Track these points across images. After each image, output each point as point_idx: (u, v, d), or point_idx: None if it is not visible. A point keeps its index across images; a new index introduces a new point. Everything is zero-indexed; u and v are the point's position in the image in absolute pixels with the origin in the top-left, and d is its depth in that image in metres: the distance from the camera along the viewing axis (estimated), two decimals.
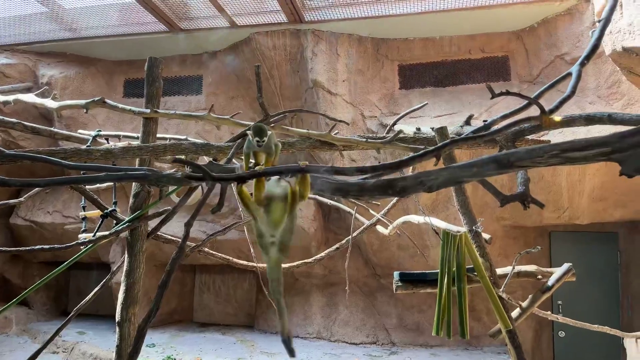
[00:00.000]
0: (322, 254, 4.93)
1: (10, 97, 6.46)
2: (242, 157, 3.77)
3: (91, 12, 7.11)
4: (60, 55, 8.29)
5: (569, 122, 2.49)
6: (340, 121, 3.79)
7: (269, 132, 2.10)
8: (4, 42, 7.98)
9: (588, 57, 2.55)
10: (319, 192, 2.02)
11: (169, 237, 4.18)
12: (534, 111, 2.60)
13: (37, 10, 7.07)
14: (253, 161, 2.25)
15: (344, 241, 4.88)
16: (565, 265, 3.31)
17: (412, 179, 1.78)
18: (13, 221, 8.85)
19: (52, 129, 4.57)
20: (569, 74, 2.57)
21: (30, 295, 9.06)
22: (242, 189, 1.90)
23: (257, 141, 2.05)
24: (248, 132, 2.11)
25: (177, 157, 1.98)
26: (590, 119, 2.40)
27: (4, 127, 5.91)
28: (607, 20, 2.51)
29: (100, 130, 4.75)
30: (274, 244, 1.82)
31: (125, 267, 3.53)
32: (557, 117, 2.72)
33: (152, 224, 3.64)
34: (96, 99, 4.21)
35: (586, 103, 6.15)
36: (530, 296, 3.30)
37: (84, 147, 3.87)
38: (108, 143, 4.78)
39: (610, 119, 2.26)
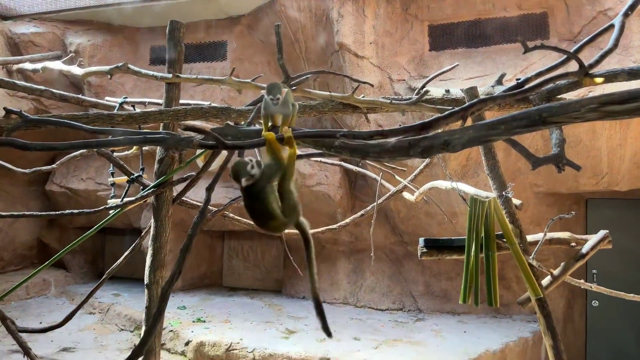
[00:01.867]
0: (347, 220, 4.89)
1: (39, 65, 6.57)
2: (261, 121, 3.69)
3: None
4: (87, 23, 8.32)
5: (610, 77, 2.30)
6: (365, 82, 3.66)
7: (285, 90, 2.01)
8: (33, 11, 8.05)
9: (632, 7, 2.33)
10: (337, 152, 1.94)
11: (195, 202, 4.21)
12: (573, 69, 2.40)
13: None
14: (271, 123, 2.17)
15: (368, 207, 4.81)
16: (601, 232, 3.16)
17: (434, 138, 1.66)
18: (49, 188, 9.15)
19: (79, 96, 4.61)
20: (611, 26, 2.37)
21: (68, 259, 9.45)
22: (272, 137, 1.87)
23: (272, 99, 1.97)
24: (263, 91, 2.04)
25: (185, 122, 1.91)
26: (634, 74, 2.21)
27: (35, 95, 6.01)
28: None
29: (126, 97, 4.77)
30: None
31: (151, 232, 3.59)
32: (598, 79, 2.52)
33: (180, 189, 3.66)
34: (120, 64, 4.21)
35: (630, 62, 5.75)
36: (562, 264, 3.18)
37: (106, 112, 3.88)
38: (134, 109, 4.80)
39: None
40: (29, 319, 7.26)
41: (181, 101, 3.92)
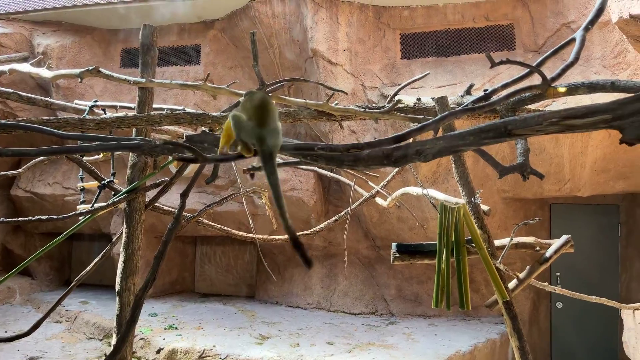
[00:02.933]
0: (321, 225, 4.93)
1: (6, 67, 6.37)
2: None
3: None
4: (55, 24, 8.13)
5: (571, 90, 2.42)
6: (339, 90, 3.72)
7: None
8: None
9: (592, 22, 2.46)
10: (313, 160, 1.99)
11: (168, 208, 4.18)
12: (537, 81, 2.53)
13: None
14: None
15: (342, 213, 4.87)
16: (564, 237, 3.30)
17: (407, 148, 1.73)
18: (14, 192, 8.88)
19: (47, 99, 4.52)
20: (573, 40, 2.49)
21: (33, 266, 9.17)
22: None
23: None
24: (241, 99, 2.05)
25: (165, 140, 1.90)
26: (593, 87, 2.33)
27: (1, 98, 5.84)
28: None
29: (96, 101, 4.71)
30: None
31: (123, 238, 3.55)
32: (561, 88, 2.65)
33: (151, 195, 3.63)
34: (90, 67, 4.12)
35: (591, 73, 6.03)
36: (527, 267, 3.30)
37: (78, 117, 3.83)
38: (105, 114, 4.73)
39: (613, 87, 2.20)
40: None
41: (154, 105, 3.89)
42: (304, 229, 5.30)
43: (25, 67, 6.00)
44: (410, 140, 1.83)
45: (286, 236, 4.33)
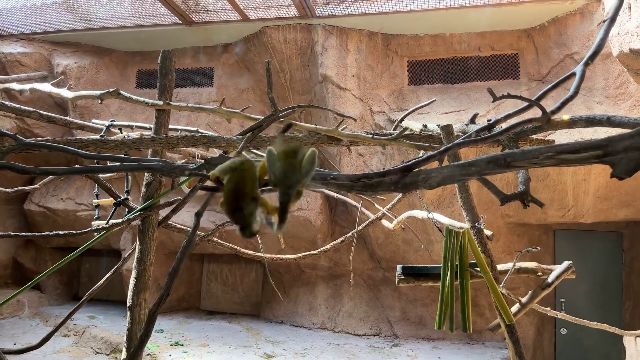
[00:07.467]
0: (328, 246, 5.03)
1: (27, 86, 6.62)
2: (252, 151, 3.84)
3: (106, 3, 7.23)
4: (75, 45, 8.42)
5: (570, 123, 2.55)
6: (348, 117, 3.87)
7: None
8: (20, 31, 8.13)
9: (592, 57, 2.59)
10: (323, 185, 2.11)
11: (180, 226, 4.30)
12: (539, 112, 2.66)
13: (53, 0, 7.20)
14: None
15: (349, 234, 4.98)
16: (565, 263, 3.38)
17: (414, 176, 1.87)
18: (27, 207, 9.05)
19: (67, 118, 4.70)
20: (573, 74, 2.63)
21: (43, 280, 9.28)
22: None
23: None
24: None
25: (193, 171, 2.00)
26: (590, 121, 2.46)
27: (20, 115, 6.07)
28: (612, 20, 2.54)
29: (113, 120, 4.89)
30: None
31: (136, 254, 3.66)
32: (565, 116, 2.78)
33: (163, 213, 3.76)
34: (111, 90, 4.32)
35: (594, 103, 6.16)
36: (530, 292, 3.38)
37: (98, 137, 3.99)
38: (121, 133, 4.91)
39: (609, 122, 2.32)
40: (3, 340, 7.10)
41: (169, 126, 4.05)
42: (310, 248, 5.40)
43: (46, 87, 6.24)
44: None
45: (293, 256, 4.41)
